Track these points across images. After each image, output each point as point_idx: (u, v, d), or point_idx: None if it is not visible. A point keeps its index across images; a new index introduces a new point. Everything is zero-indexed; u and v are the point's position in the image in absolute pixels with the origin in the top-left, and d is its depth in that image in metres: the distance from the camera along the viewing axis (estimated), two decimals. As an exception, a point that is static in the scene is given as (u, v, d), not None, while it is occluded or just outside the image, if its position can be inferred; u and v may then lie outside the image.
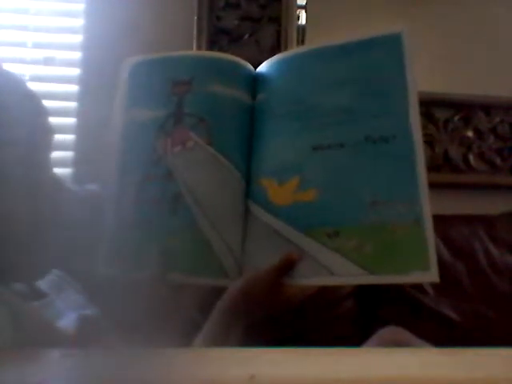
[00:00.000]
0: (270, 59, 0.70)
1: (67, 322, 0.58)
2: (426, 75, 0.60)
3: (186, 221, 0.63)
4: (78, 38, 1.26)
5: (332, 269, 0.57)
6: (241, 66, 0.69)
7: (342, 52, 0.64)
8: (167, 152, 0.66)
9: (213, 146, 0.64)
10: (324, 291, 0.60)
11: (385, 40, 0.62)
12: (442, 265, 0.52)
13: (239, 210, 0.64)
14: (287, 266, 0.59)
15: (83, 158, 1.20)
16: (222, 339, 0.59)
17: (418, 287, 1.12)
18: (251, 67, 0.70)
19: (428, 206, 0.55)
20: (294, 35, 1.31)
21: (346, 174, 0.60)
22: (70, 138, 1.23)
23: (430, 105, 1.37)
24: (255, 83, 0.69)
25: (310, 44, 0.69)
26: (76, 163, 1.22)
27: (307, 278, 0.59)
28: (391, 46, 0.62)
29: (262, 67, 0.70)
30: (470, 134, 1.43)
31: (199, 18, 1.28)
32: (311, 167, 0.62)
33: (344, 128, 0.61)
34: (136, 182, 0.67)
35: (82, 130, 1.22)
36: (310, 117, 0.63)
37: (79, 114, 1.24)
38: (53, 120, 1.30)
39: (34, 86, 1.19)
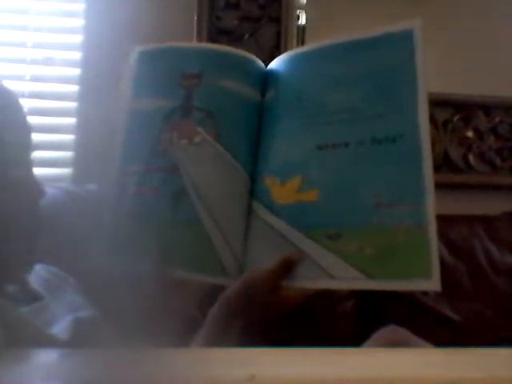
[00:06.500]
0: (280, 56, 0.69)
1: (62, 326, 0.58)
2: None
3: (188, 215, 0.62)
4: (78, 38, 1.26)
5: (332, 272, 0.56)
6: (252, 62, 0.68)
7: (352, 49, 0.63)
8: (173, 144, 0.65)
9: (220, 143, 0.64)
10: (324, 291, 0.59)
11: (396, 37, 0.61)
12: (442, 265, 0.52)
13: (243, 208, 0.64)
14: (286, 268, 0.59)
15: (83, 158, 1.20)
16: (220, 339, 0.58)
17: (418, 287, 1.12)
18: (262, 64, 0.69)
19: (433, 209, 0.53)
20: (294, 35, 1.31)
21: (350, 174, 0.59)
22: (69, 138, 1.23)
23: (429, 105, 1.37)
24: (265, 80, 0.68)
25: (320, 41, 0.67)
26: (76, 163, 1.22)
27: (306, 281, 0.58)
28: (402, 43, 0.60)
29: (273, 64, 0.69)
30: (469, 134, 1.43)
31: (199, 18, 1.28)
32: (315, 167, 0.61)
33: (350, 127, 0.60)
34: (138, 171, 0.66)
35: (81, 129, 1.22)
36: (316, 115, 0.62)
37: (79, 113, 1.24)
38: (53, 120, 1.30)
39: (33, 87, 1.19)
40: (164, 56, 0.71)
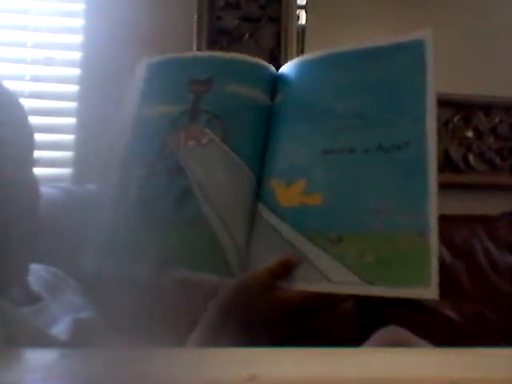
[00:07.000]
0: (291, 61, 0.69)
1: (62, 327, 0.58)
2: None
3: (193, 215, 0.62)
4: (78, 38, 1.26)
5: (330, 276, 0.56)
6: (261, 67, 0.69)
7: (362, 57, 0.64)
8: (179, 146, 0.65)
9: (228, 144, 0.64)
10: (323, 294, 0.59)
11: (407, 46, 0.61)
12: (441, 265, 0.52)
13: (249, 208, 0.63)
14: (284, 269, 0.58)
15: (83, 158, 1.21)
16: (215, 338, 0.58)
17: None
18: (273, 69, 0.69)
19: (435, 217, 0.53)
20: (294, 35, 1.31)
21: (354, 179, 0.59)
22: (69, 138, 1.23)
23: (429, 105, 1.37)
24: (276, 85, 0.68)
25: (330, 48, 0.68)
26: (76, 163, 1.22)
27: (303, 283, 0.58)
28: (413, 52, 0.61)
29: (284, 69, 0.70)
30: (469, 134, 1.43)
31: (199, 18, 1.28)
32: (320, 171, 0.61)
33: (357, 133, 0.60)
34: (140, 175, 0.66)
35: (81, 129, 1.22)
36: (324, 120, 0.63)
37: (79, 113, 1.24)
38: (53, 120, 1.30)
39: (33, 87, 1.19)
40: (173, 65, 0.72)
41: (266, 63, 0.69)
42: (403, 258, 0.54)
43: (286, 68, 0.69)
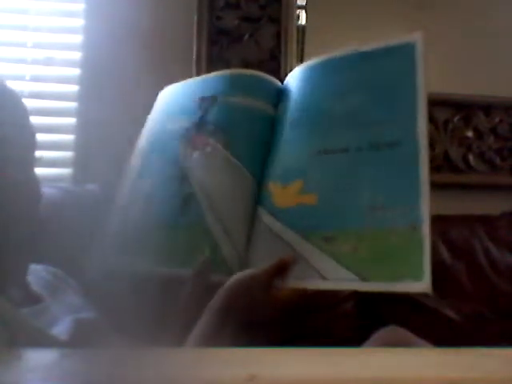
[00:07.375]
0: (293, 70, 0.73)
1: (62, 327, 0.58)
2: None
3: (195, 220, 0.65)
4: (78, 38, 1.26)
5: (324, 273, 0.57)
6: (264, 80, 0.73)
7: (357, 60, 0.66)
8: (185, 156, 0.70)
9: (230, 151, 0.67)
10: (324, 292, 0.59)
11: (399, 49, 0.63)
12: (441, 265, 0.52)
13: (249, 212, 0.65)
14: (280, 269, 0.59)
15: (83, 158, 1.20)
16: (213, 338, 0.58)
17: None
18: (277, 81, 0.74)
19: (427, 212, 0.54)
20: (294, 35, 1.31)
21: (347, 178, 0.60)
22: (69, 138, 1.23)
23: (429, 105, 1.37)
24: (279, 95, 0.72)
25: (327, 54, 0.71)
26: (76, 163, 1.22)
27: (298, 281, 0.58)
28: (404, 54, 0.62)
29: (287, 79, 0.74)
30: (469, 134, 1.43)
31: (199, 18, 1.28)
32: (315, 171, 0.62)
33: (350, 133, 0.62)
34: (151, 183, 0.71)
35: (81, 129, 1.22)
36: (319, 123, 0.65)
37: (79, 114, 1.24)
38: (53, 120, 1.30)
39: (33, 87, 1.19)
40: (184, 87, 0.80)
41: (268, 76, 0.74)
42: (397, 252, 0.54)
43: (289, 77, 0.73)
